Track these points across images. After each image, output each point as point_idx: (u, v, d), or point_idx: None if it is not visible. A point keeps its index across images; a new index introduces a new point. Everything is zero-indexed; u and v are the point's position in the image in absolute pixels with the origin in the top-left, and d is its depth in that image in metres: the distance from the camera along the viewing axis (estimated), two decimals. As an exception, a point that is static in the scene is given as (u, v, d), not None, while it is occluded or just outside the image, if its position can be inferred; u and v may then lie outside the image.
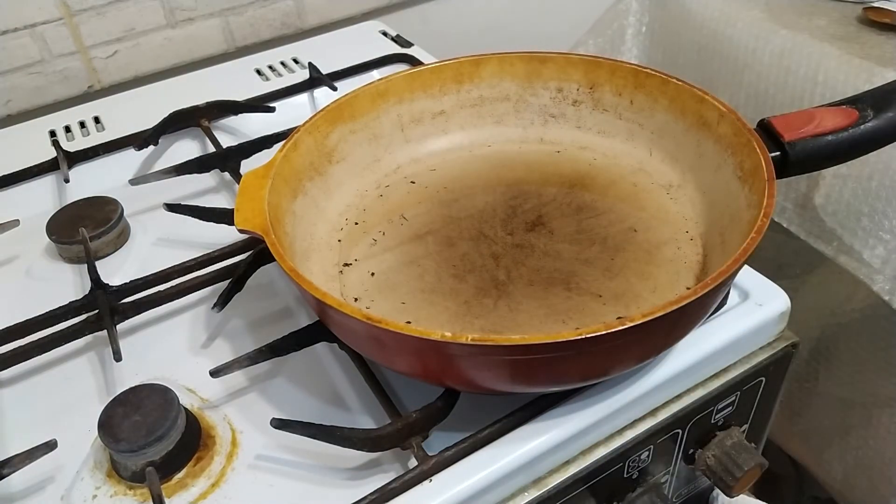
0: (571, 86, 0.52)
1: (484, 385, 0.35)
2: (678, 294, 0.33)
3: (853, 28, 0.73)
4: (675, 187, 0.48)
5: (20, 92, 0.71)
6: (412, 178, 0.51)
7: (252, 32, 0.80)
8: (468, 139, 0.53)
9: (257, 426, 0.40)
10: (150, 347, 0.45)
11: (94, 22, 0.71)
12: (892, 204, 0.62)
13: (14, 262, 0.53)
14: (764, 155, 0.40)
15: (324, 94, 0.67)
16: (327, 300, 0.33)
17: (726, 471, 0.43)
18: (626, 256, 0.43)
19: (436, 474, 0.35)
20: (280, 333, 0.41)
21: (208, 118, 0.63)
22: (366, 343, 0.37)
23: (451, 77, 0.52)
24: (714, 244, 0.43)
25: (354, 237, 0.47)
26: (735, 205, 0.41)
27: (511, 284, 0.42)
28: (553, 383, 0.36)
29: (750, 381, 0.44)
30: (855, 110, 0.41)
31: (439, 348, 0.32)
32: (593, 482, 0.39)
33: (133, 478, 0.37)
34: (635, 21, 0.94)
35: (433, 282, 0.43)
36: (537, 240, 0.45)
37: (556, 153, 0.52)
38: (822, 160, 0.41)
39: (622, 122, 0.51)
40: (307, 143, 0.47)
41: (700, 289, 0.32)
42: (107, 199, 0.55)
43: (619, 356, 0.35)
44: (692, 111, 0.47)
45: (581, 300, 0.41)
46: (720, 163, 0.44)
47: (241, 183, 0.42)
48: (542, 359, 0.32)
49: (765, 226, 0.35)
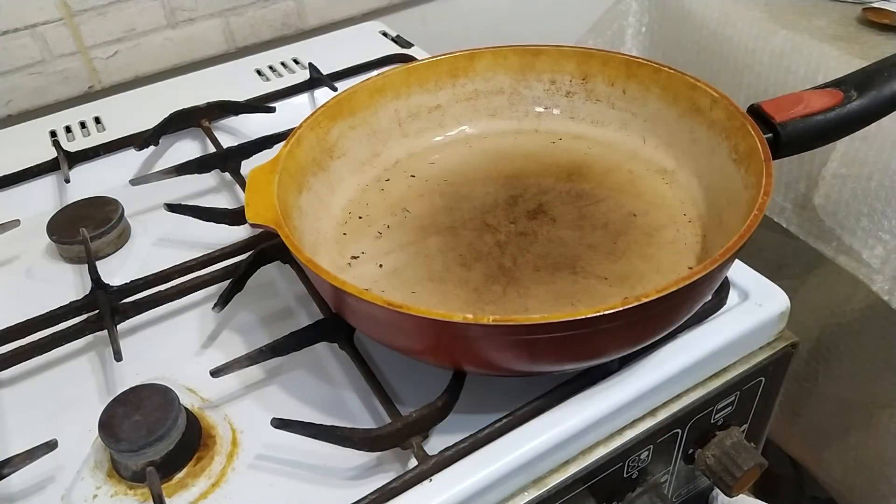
0: (564, 77, 0.53)
1: (502, 365, 0.36)
2: (681, 274, 0.34)
3: (853, 28, 0.73)
4: (670, 173, 0.49)
5: (21, 92, 0.71)
6: (412, 172, 0.51)
7: (252, 33, 0.80)
8: (465, 133, 0.54)
9: (258, 426, 0.40)
10: (151, 347, 0.45)
11: (95, 22, 0.71)
12: (892, 204, 0.62)
13: (14, 262, 0.53)
14: (759, 137, 0.41)
15: (324, 95, 0.67)
16: (347, 288, 0.34)
17: (726, 471, 0.43)
18: (628, 240, 0.44)
19: (436, 474, 0.35)
20: (280, 333, 0.41)
21: (209, 118, 0.63)
22: (385, 330, 0.37)
23: (446, 71, 0.53)
24: (712, 225, 0.44)
25: (359, 231, 0.47)
26: (732, 187, 0.42)
27: (518, 270, 0.43)
28: (570, 361, 0.36)
29: (749, 381, 0.44)
30: (840, 91, 0.42)
31: (461, 330, 0.33)
32: (593, 482, 0.39)
33: (133, 477, 0.37)
34: (635, 21, 0.94)
35: (441, 271, 0.43)
36: (540, 227, 0.46)
37: (552, 144, 0.53)
38: (813, 139, 0.42)
39: (615, 112, 0.52)
40: (309, 139, 0.47)
41: (709, 264, 0.33)
42: (107, 199, 0.55)
43: (635, 332, 0.35)
44: (685, 98, 0.48)
45: (587, 283, 0.41)
46: (714, 147, 0.45)
47: (249, 178, 0.42)
48: (560, 337, 0.33)
49: (765, 203, 0.36)
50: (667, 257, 0.43)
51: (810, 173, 0.69)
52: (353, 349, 0.41)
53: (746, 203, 0.39)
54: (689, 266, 0.42)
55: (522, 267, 0.43)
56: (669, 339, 0.41)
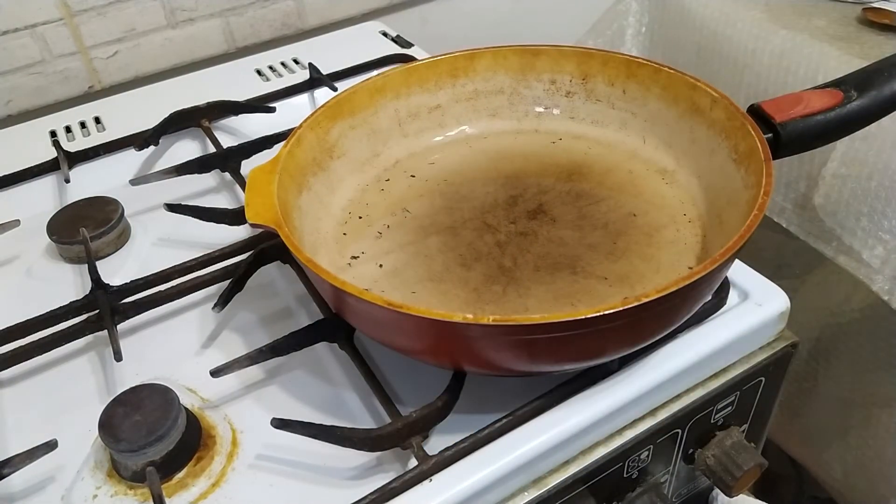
0: (564, 77, 0.53)
1: (502, 365, 0.36)
2: (680, 274, 0.34)
3: (853, 28, 0.73)
4: (669, 173, 0.49)
5: (21, 92, 0.71)
6: (412, 172, 0.51)
7: (252, 33, 0.80)
8: (465, 132, 0.54)
9: (258, 426, 0.40)
10: (151, 347, 0.45)
11: (95, 22, 0.71)
12: (892, 204, 0.62)
13: (14, 262, 0.53)
14: (759, 137, 0.41)
15: (324, 95, 0.67)
16: (347, 288, 0.34)
17: (726, 470, 0.43)
18: (628, 240, 0.44)
19: (436, 474, 0.35)
20: (280, 333, 0.41)
21: (209, 118, 0.63)
22: (385, 330, 0.37)
23: (446, 71, 0.53)
24: (712, 225, 0.44)
25: (359, 231, 0.47)
26: (731, 187, 0.42)
27: (518, 270, 0.43)
28: (570, 361, 0.36)
29: (749, 381, 0.44)
30: (840, 91, 0.43)
31: (461, 330, 0.33)
32: (593, 482, 0.39)
33: (133, 477, 0.37)
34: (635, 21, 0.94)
35: (441, 271, 0.43)
36: (540, 227, 0.46)
37: (552, 144, 0.53)
38: (813, 139, 0.42)
39: (615, 112, 0.52)
40: (309, 139, 0.47)
41: (709, 264, 0.33)
42: (107, 199, 0.55)
43: (635, 332, 0.35)
44: (684, 98, 0.48)
45: (587, 283, 0.42)
46: (714, 147, 0.45)
47: (249, 178, 0.42)
48: (560, 337, 0.33)
49: (765, 203, 0.37)
50: (667, 257, 0.43)
51: (810, 173, 0.69)
52: (353, 349, 0.41)
53: (746, 203, 0.39)
54: (689, 266, 0.42)
55: (522, 267, 0.43)
56: (669, 339, 0.41)
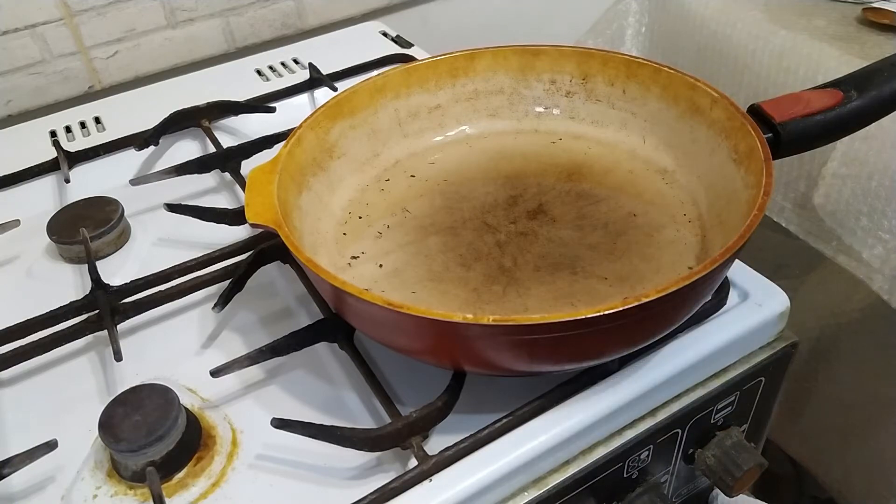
0: (564, 77, 0.53)
1: (502, 365, 0.36)
2: (681, 274, 0.34)
3: (853, 28, 0.74)
4: (669, 172, 0.49)
5: (21, 92, 0.71)
6: (412, 172, 0.51)
7: (252, 33, 0.80)
8: (465, 132, 0.54)
9: (258, 426, 0.40)
10: (151, 347, 0.45)
11: (95, 22, 0.71)
12: (892, 204, 0.62)
13: (14, 262, 0.53)
14: (759, 137, 0.41)
15: (324, 95, 0.67)
16: (347, 288, 0.34)
17: (726, 471, 0.43)
18: (628, 240, 0.44)
19: (436, 474, 0.35)
20: (280, 333, 0.41)
21: (209, 118, 0.63)
22: (385, 330, 0.37)
23: (446, 71, 0.53)
24: (712, 225, 0.44)
25: (359, 231, 0.47)
26: (731, 187, 0.42)
27: (518, 270, 0.43)
28: (570, 361, 0.36)
29: (749, 381, 0.44)
30: (839, 91, 0.43)
31: (461, 330, 0.33)
32: (593, 482, 0.39)
33: (133, 477, 0.37)
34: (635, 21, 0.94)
35: (441, 271, 0.43)
36: (540, 227, 0.46)
37: (552, 144, 0.53)
38: (813, 139, 0.42)
39: (615, 112, 0.52)
40: (309, 139, 0.47)
41: (709, 264, 0.33)
42: (107, 199, 0.55)
43: (635, 332, 0.35)
44: (685, 98, 0.48)
45: (587, 283, 0.41)
46: (714, 147, 0.45)
47: (249, 178, 0.42)
48: (560, 337, 0.33)
49: (766, 203, 0.37)
50: (667, 257, 0.43)
51: (810, 173, 0.69)
52: (353, 349, 0.41)
53: (746, 203, 0.39)
54: (689, 266, 0.42)
55: (522, 267, 0.43)
56: (669, 339, 0.41)
